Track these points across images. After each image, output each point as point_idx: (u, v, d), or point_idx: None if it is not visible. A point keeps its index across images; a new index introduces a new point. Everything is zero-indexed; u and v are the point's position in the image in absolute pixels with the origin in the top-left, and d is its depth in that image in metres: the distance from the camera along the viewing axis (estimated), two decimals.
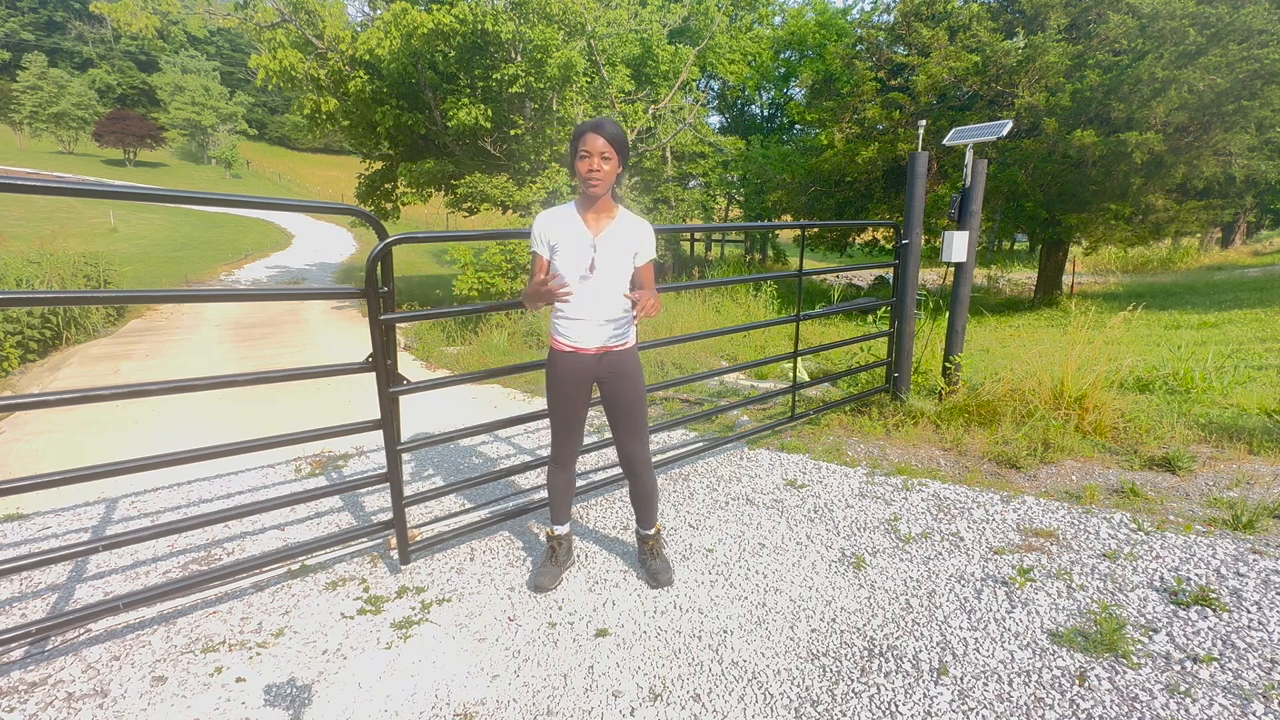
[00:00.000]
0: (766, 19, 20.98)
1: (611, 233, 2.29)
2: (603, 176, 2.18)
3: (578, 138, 2.19)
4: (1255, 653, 2.08)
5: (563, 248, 2.27)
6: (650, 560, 2.64)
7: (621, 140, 2.20)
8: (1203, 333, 8.39)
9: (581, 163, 2.18)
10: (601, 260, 2.26)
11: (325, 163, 65.07)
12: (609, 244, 2.27)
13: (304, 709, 1.98)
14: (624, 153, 2.22)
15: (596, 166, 2.17)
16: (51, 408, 2.07)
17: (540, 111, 10.40)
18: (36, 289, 8.16)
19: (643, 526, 2.66)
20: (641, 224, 2.37)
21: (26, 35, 61.20)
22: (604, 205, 2.29)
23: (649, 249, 2.37)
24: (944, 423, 4.31)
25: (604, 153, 2.16)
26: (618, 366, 2.41)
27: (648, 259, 2.38)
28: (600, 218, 2.29)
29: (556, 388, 2.43)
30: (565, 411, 2.45)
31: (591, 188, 2.19)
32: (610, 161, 2.18)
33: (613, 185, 2.27)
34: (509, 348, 7.23)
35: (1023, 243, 26.02)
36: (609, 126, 2.17)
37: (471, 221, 18.61)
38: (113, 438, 4.52)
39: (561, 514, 2.68)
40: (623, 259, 2.30)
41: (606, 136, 2.16)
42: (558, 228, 2.28)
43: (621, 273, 2.31)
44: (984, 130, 4.07)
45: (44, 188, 1.92)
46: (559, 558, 2.68)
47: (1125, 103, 9.60)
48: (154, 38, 10.37)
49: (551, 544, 2.70)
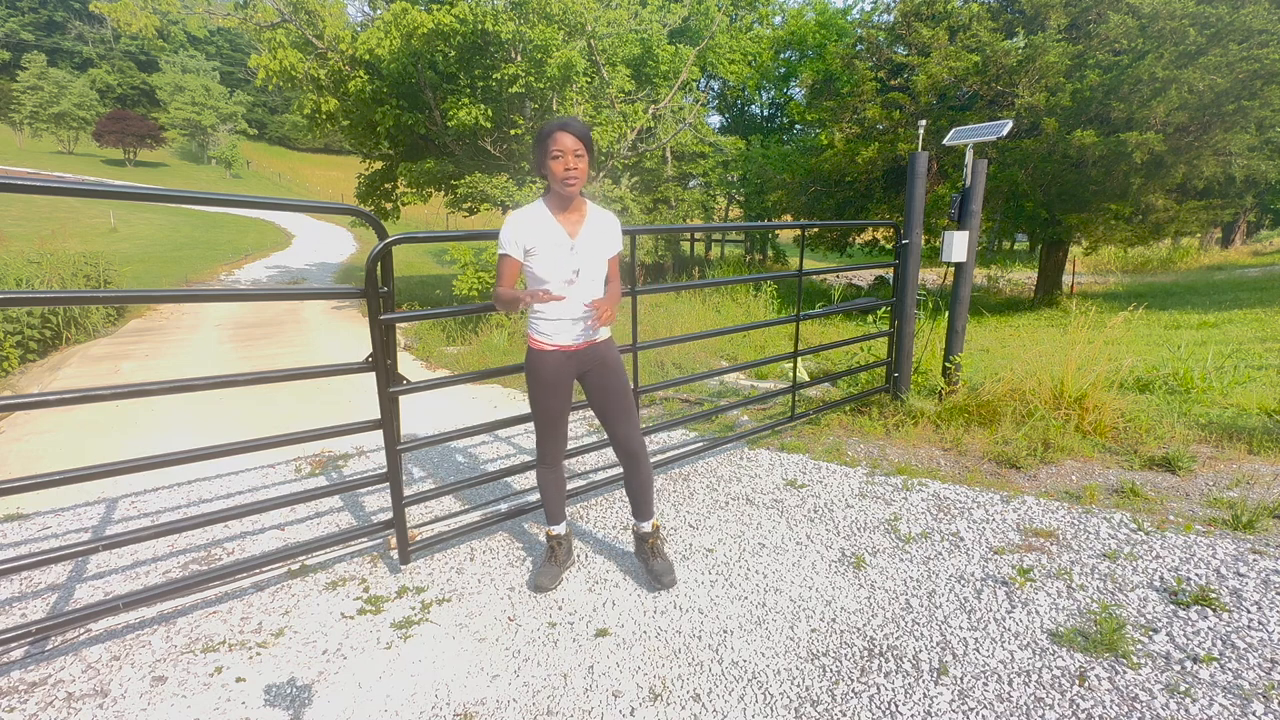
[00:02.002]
0: (766, 19, 20.97)
1: (588, 233, 2.30)
2: (579, 175, 2.18)
3: (546, 137, 2.17)
4: (1255, 653, 2.08)
5: (541, 251, 2.24)
6: (651, 560, 2.60)
7: (590, 138, 2.20)
8: (1203, 333, 8.38)
9: (555, 163, 2.16)
10: (584, 264, 2.28)
11: (325, 163, 65.04)
12: (588, 245, 2.29)
13: (304, 709, 1.98)
14: (593, 150, 2.23)
15: (572, 165, 2.16)
16: (51, 408, 2.07)
17: (540, 111, 10.40)
18: (36, 289, 8.16)
19: (640, 519, 2.61)
20: (609, 217, 2.40)
21: (26, 35, 61.19)
22: (576, 203, 2.30)
23: (618, 241, 2.42)
24: (944, 423, 4.31)
25: (576, 150, 2.16)
26: (599, 357, 2.42)
27: (616, 251, 2.41)
28: (574, 217, 2.29)
29: (540, 387, 2.42)
30: (550, 410, 2.45)
31: (569, 187, 2.18)
32: (584, 160, 2.18)
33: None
34: (509, 348, 7.23)
35: (1023, 243, 26.02)
36: (576, 125, 2.17)
37: (471, 221, 18.60)
38: (113, 438, 4.52)
39: (556, 514, 2.67)
40: (601, 257, 2.34)
41: (576, 134, 2.15)
42: (533, 231, 2.24)
43: (600, 271, 2.34)
44: (984, 130, 4.07)
45: (44, 188, 1.92)
46: (559, 557, 2.67)
47: (1125, 103, 9.60)
48: (154, 38, 10.35)
49: (550, 544, 2.68)
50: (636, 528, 2.65)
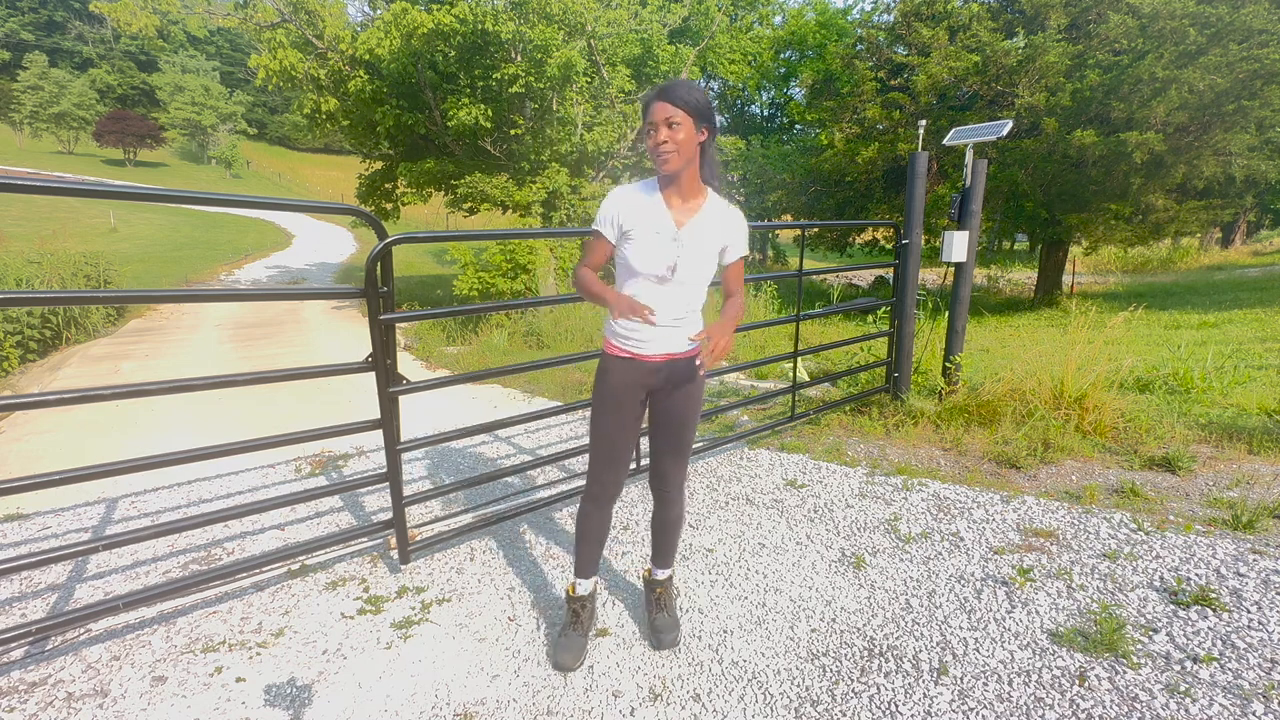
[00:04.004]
0: (767, 19, 20.98)
1: (698, 224, 1.88)
2: (674, 148, 1.76)
3: (645, 110, 1.81)
4: (1255, 653, 2.08)
5: (638, 236, 1.86)
6: (656, 613, 2.26)
7: (697, 103, 1.76)
8: (1203, 333, 8.38)
9: (649, 139, 1.80)
10: (685, 259, 1.87)
11: (325, 163, 65.03)
12: (695, 238, 1.87)
13: (304, 709, 1.98)
14: (701, 115, 1.77)
15: (664, 137, 1.75)
16: (51, 407, 2.07)
17: (540, 111, 10.40)
18: (36, 289, 8.16)
19: (658, 566, 2.28)
20: (733, 213, 1.96)
21: (26, 35, 61.20)
22: (690, 186, 1.86)
23: (741, 244, 1.97)
24: (944, 423, 4.31)
25: (671, 119, 1.74)
26: (678, 375, 2.01)
27: (738, 255, 1.98)
28: (686, 205, 1.88)
29: (607, 399, 2.00)
30: (614, 429, 2.03)
31: (663, 163, 1.79)
32: (682, 128, 1.75)
33: (695, 157, 1.83)
34: (509, 348, 7.23)
35: (1023, 243, 26.02)
36: (677, 89, 1.75)
37: (471, 221, 18.60)
38: (113, 438, 4.52)
39: (588, 565, 2.17)
40: (708, 255, 1.92)
41: (672, 100, 1.74)
42: (635, 210, 1.87)
43: (705, 271, 1.93)
44: (984, 130, 4.07)
45: (44, 188, 1.92)
46: (583, 623, 2.17)
47: (1125, 103, 9.60)
48: (154, 38, 10.36)
49: (573, 606, 2.18)
50: (649, 572, 2.33)
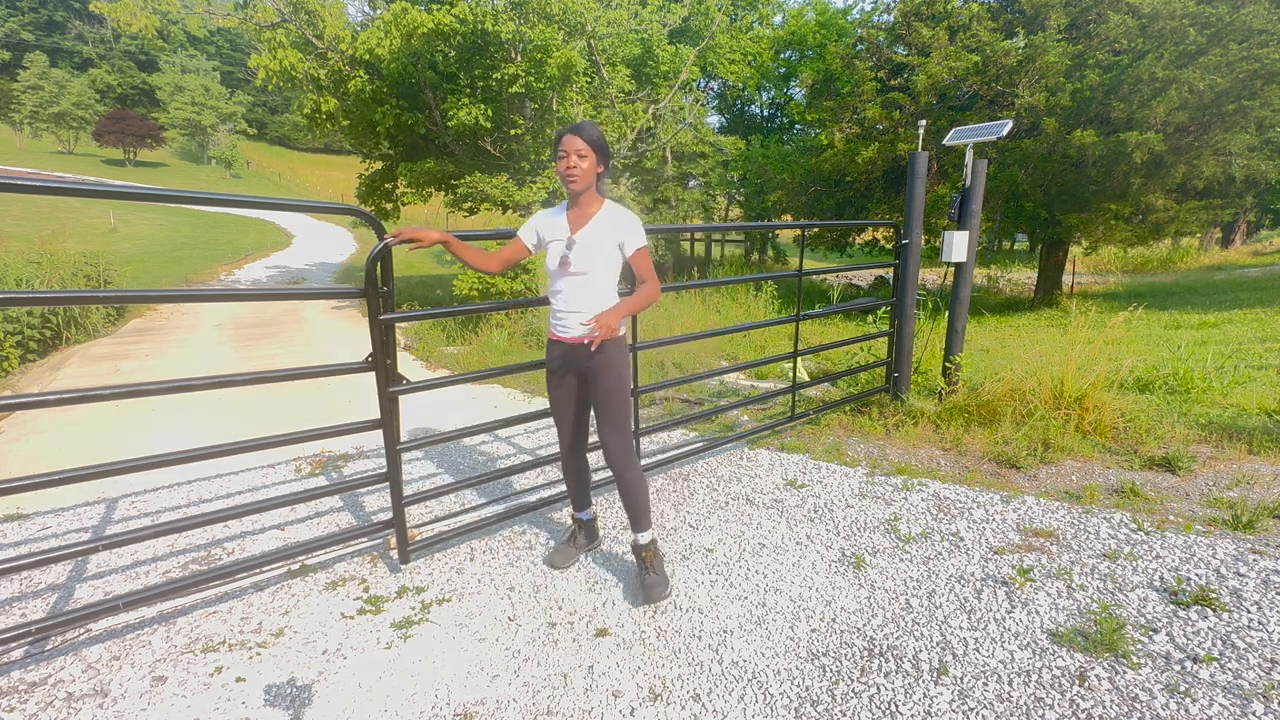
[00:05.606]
0: (767, 19, 20.97)
1: (591, 228, 2.37)
2: (579, 173, 2.30)
3: (557, 141, 2.34)
4: (1255, 653, 2.08)
5: (548, 242, 2.44)
6: (643, 574, 2.52)
7: (598, 140, 2.31)
8: (1203, 333, 8.38)
9: (560, 162, 2.32)
10: (576, 255, 2.35)
11: (325, 163, 65.03)
12: (586, 239, 2.36)
13: (304, 709, 1.98)
14: (602, 151, 2.34)
15: (573, 164, 2.29)
16: (51, 407, 2.07)
17: (540, 111, 10.40)
18: (36, 289, 8.16)
19: (635, 530, 2.55)
20: (623, 214, 2.41)
21: (26, 35, 61.17)
22: (586, 201, 2.38)
23: (636, 237, 2.38)
24: (944, 423, 4.31)
25: (580, 151, 2.29)
26: (587, 353, 2.41)
27: (636, 247, 2.38)
28: (582, 213, 2.40)
29: (549, 374, 2.58)
30: (553, 400, 2.60)
31: (570, 183, 2.32)
32: (587, 159, 2.30)
33: (594, 182, 2.37)
34: (509, 348, 7.23)
35: (1023, 243, 26.02)
36: (585, 128, 2.30)
37: (471, 221, 18.60)
38: (113, 438, 4.52)
39: (575, 500, 2.80)
40: (604, 251, 2.36)
41: (582, 136, 2.29)
42: (546, 223, 2.46)
43: (605, 266, 2.38)
44: (984, 130, 4.07)
45: (44, 188, 1.92)
46: (577, 540, 2.82)
47: (1125, 102, 9.59)
48: (154, 38, 10.34)
49: (571, 526, 2.86)
50: (631, 540, 2.60)
